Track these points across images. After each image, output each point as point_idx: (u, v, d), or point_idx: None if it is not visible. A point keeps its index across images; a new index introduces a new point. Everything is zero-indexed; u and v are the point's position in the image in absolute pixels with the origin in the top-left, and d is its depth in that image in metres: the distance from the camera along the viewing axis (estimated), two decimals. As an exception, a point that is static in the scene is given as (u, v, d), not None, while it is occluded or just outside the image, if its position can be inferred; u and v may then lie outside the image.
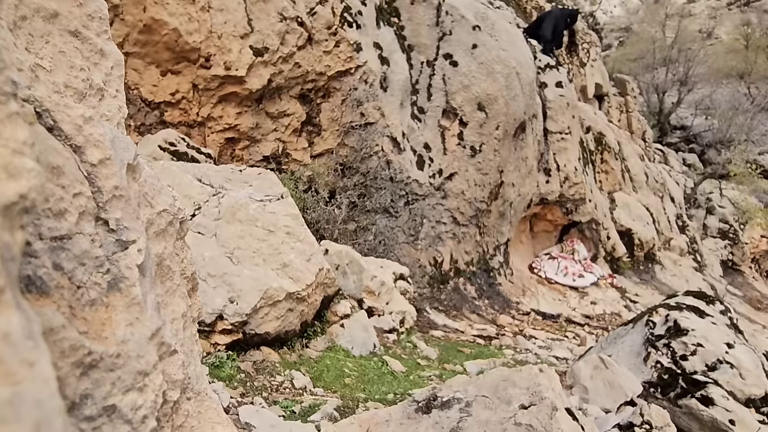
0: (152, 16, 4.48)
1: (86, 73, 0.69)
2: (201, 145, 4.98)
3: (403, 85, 6.19)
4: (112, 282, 0.63)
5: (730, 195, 14.82)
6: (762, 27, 29.62)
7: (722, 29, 31.39)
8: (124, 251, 0.65)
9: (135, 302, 0.65)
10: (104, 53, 0.73)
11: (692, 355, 2.58)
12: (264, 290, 2.40)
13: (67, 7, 0.67)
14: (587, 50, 12.92)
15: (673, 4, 31.25)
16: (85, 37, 0.69)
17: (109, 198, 0.64)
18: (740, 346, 2.79)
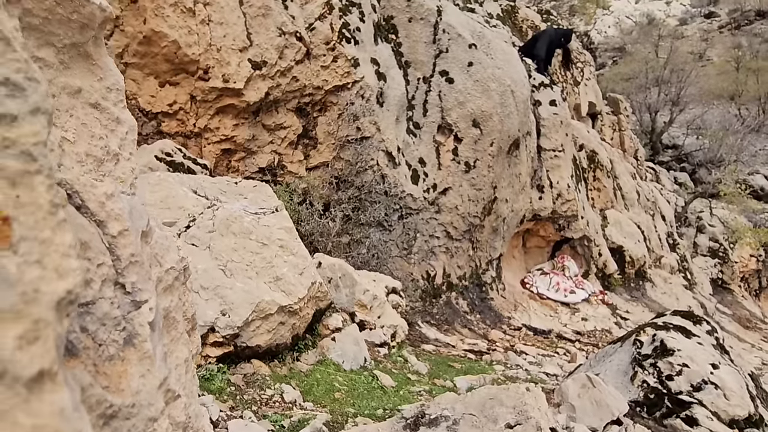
0: (152, 28, 4.54)
1: (104, 141, 0.75)
2: (197, 155, 5.01)
3: (399, 101, 6.27)
4: (127, 338, 0.70)
5: (720, 214, 15.01)
6: (752, 50, 30.26)
7: (714, 51, 32.04)
8: (138, 310, 0.71)
9: (147, 356, 0.72)
10: (120, 120, 0.78)
11: (678, 375, 2.61)
12: (256, 303, 2.42)
13: (89, 82, 0.72)
14: (581, 69, 13.14)
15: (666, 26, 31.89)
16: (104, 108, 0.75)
17: (127, 264, 0.71)
18: (725, 367, 2.83)
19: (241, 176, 5.37)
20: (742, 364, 3.55)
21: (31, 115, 0.51)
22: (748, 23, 34.69)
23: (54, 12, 0.64)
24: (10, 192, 0.48)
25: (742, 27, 34.31)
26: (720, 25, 35.58)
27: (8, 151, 0.49)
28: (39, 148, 0.51)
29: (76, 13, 0.67)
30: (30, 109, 0.51)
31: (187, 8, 4.70)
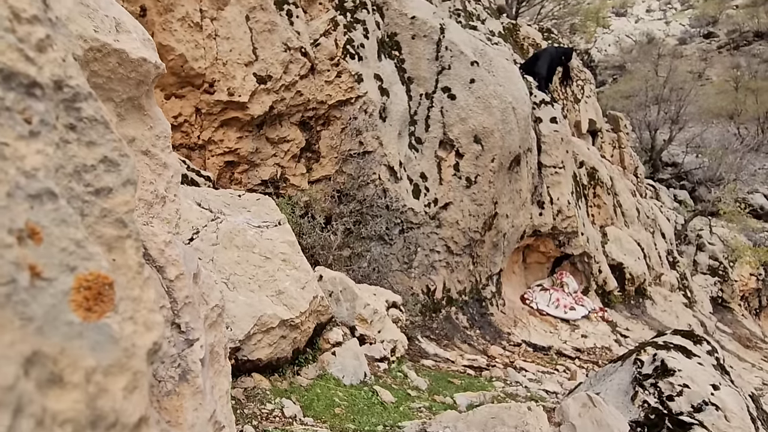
0: (160, 41, 4.61)
1: (153, 185, 0.79)
2: (201, 167, 5.05)
3: (401, 116, 6.34)
4: (182, 374, 0.76)
5: (719, 232, 15.03)
6: (751, 70, 30.60)
7: (713, 71, 32.38)
8: (191, 347, 0.75)
9: (199, 390, 0.77)
10: (167, 165, 0.83)
11: (678, 396, 2.61)
12: (258, 317, 2.43)
13: (141, 131, 0.77)
14: (582, 87, 13.28)
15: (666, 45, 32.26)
16: (153, 154, 0.79)
17: (182, 306, 0.76)
18: (726, 388, 2.83)
19: (243, 188, 5.40)
20: (742, 385, 3.54)
21: (123, 187, 0.57)
22: (747, 44, 35.14)
23: (116, 72, 0.69)
24: (108, 256, 0.53)
25: (741, 47, 34.74)
26: (719, 45, 36.03)
27: (105, 220, 0.54)
28: (129, 215, 0.57)
29: (135, 71, 0.72)
30: (122, 181, 0.57)
31: (195, 23, 4.78)
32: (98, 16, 0.65)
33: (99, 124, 0.55)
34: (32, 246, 0.46)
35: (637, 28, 37.13)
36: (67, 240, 0.48)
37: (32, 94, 0.49)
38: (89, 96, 0.54)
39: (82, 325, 0.48)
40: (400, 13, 6.67)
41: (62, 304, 0.47)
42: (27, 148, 0.47)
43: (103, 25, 0.66)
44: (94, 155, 0.54)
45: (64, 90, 0.52)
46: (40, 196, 0.47)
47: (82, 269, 0.49)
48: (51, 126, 0.50)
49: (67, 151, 0.52)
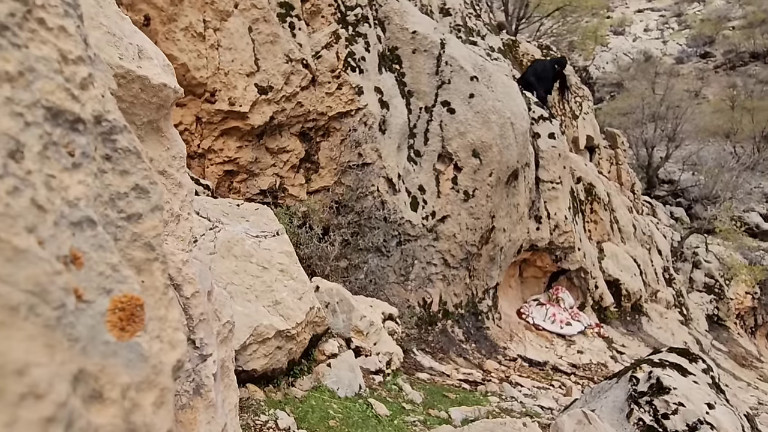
0: (162, 50, 4.65)
1: (169, 205, 0.81)
2: (200, 176, 5.06)
3: (401, 129, 6.38)
4: (195, 389, 0.79)
5: (715, 250, 15.08)
6: (747, 90, 30.97)
7: (709, 90, 32.76)
8: (204, 362, 0.77)
9: (211, 404, 0.80)
10: (181, 185, 0.85)
11: (674, 414, 2.60)
12: (254, 327, 2.42)
13: (158, 152, 0.79)
14: (580, 103, 13.42)
15: (663, 64, 32.67)
16: (169, 174, 0.82)
17: (197, 322, 0.79)
18: (721, 407, 2.82)
19: (242, 198, 5.41)
20: (737, 404, 3.53)
21: (151, 212, 0.60)
22: (743, 64, 35.63)
23: (138, 97, 0.72)
24: (137, 278, 0.57)
25: (737, 68, 35.21)
26: (715, 65, 36.51)
27: (135, 244, 0.58)
28: (157, 239, 0.60)
29: (156, 96, 0.75)
30: (151, 207, 0.60)
31: (198, 33, 4.83)
32: (123, 44, 0.68)
33: (132, 154, 0.59)
34: (75, 270, 0.49)
35: (635, 47, 37.62)
36: (104, 264, 0.52)
37: (76, 129, 0.52)
38: (124, 128, 0.58)
39: (117, 344, 0.51)
40: (401, 27, 6.76)
41: (100, 324, 0.50)
42: (70, 179, 0.51)
43: (127, 53, 0.69)
44: (127, 183, 0.58)
45: (102, 124, 0.57)
46: (81, 224, 0.51)
47: (117, 291, 0.52)
48: (91, 158, 0.54)
49: (103, 180, 0.56)
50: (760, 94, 29.64)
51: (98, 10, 0.64)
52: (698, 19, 41.47)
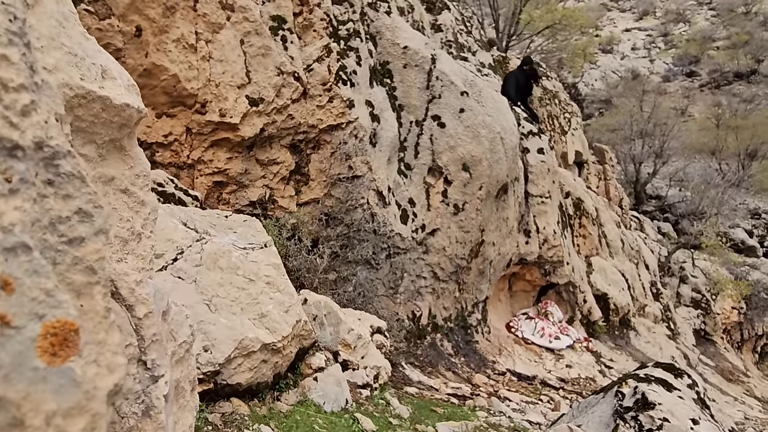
0: (153, 61, 4.66)
1: (130, 223, 0.81)
2: (189, 187, 5.04)
3: (391, 142, 6.42)
4: (145, 410, 0.77)
5: (702, 265, 15.26)
6: (731, 109, 31.67)
7: (695, 108, 33.45)
8: (155, 384, 0.76)
9: (161, 426, 0.78)
10: (144, 203, 0.85)
11: (658, 430, 2.61)
12: (239, 340, 2.40)
13: (121, 170, 0.80)
14: (569, 119, 13.61)
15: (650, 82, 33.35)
16: (132, 192, 0.82)
17: (149, 343, 0.78)
18: (705, 423, 2.84)
19: (231, 209, 5.39)
20: (722, 419, 3.55)
21: (95, 236, 0.60)
22: (727, 83, 36.49)
23: (99, 116, 0.73)
24: (76, 302, 0.56)
25: (722, 87, 36.05)
26: (701, 83, 37.34)
27: (76, 268, 0.57)
28: (99, 263, 0.60)
29: (118, 116, 0.76)
30: (95, 231, 0.60)
31: (189, 44, 4.85)
32: (85, 64, 0.69)
33: (76, 178, 0.59)
34: (4, 296, 0.48)
35: (623, 65, 38.39)
36: (38, 290, 0.51)
37: (14, 156, 0.53)
38: (68, 154, 0.59)
39: (47, 370, 0.50)
40: (392, 42, 6.84)
41: (29, 350, 0.49)
42: (5, 205, 0.51)
43: (89, 73, 0.69)
44: (70, 207, 0.58)
45: (44, 149, 0.57)
46: (15, 249, 0.50)
47: (50, 317, 0.52)
48: (30, 183, 0.54)
49: (44, 204, 0.56)
50: (744, 113, 30.32)
51: (60, 31, 0.65)
52: (684, 39, 42.50)
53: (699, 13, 46.73)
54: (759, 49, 37.94)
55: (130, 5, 4.58)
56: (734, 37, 39.74)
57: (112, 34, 4.56)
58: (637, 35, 44.64)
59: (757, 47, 38.06)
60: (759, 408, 11.35)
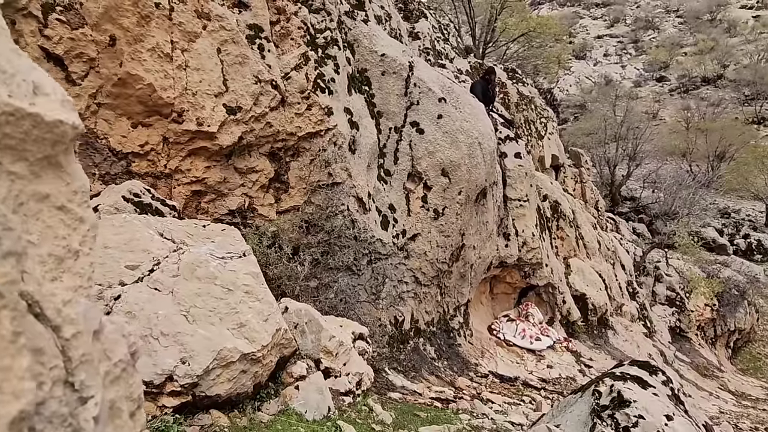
0: (128, 71, 4.60)
1: (66, 240, 0.80)
2: (166, 196, 4.97)
3: (371, 149, 6.46)
4: None
5: (675, 264, 15.67)
6: (700, 112, 32.74)
7: (666, 112, 34.46)
8: (84, 405, 0.74)
9: None
10: (83, 219, 0.84)
11: (634, 427, 2.68)
12: (217, 351, 2.38)
13: (57, 187, 0.79)
14: (545, 124, 13.88)
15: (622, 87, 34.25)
16: (69, 209, 0.81)
17: (77, 364, 0.76)
18: (679, 418, 2.92)
19: (210, 218, 5.33)
20: (696, 414, 3.66)
21: (3, 259, 0.59)
22: (695, 88, 37.74)
23: (30, 133, 0.72)
24: None
25: (690, 91, 37.24)
26: (670, 88, 38.52)
27: None
28: (7, 286, 0.58)
29: (50, 132, 0.75)
30: (3, 254, 0.59)
31: (165, 53, 4.81)
32: (15, 81, 0.69)
33: None
34: None
35: (596, 71, 39.35)
36: None
37: None
38: None
39: None
40: (370, 50, 6.90)
41: None
42: None
43: (18, 90, 0.69)
44: None
45: None
46: None
47: None
48: None
49: None
50: (712, 116, 31.37)
51: (-13, 49, 0.65)
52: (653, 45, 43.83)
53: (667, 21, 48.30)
54: (724, 55, 39.38)
55: (103, 14, 4.52)
56: (701, 44, 41.18)
57: (85, 43, 4.49)
58: (609, 42, 45.86)
59: (723, 53, 39.50)
60: (733, 402, 11.68)
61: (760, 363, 16.49)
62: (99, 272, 2.57)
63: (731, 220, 24.85)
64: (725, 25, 44.73)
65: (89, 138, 4.72)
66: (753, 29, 42.73)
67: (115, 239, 2.79)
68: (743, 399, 12.23)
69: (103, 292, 2.45)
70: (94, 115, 4.70)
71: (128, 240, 2.79)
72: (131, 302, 2.43)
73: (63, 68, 4.45)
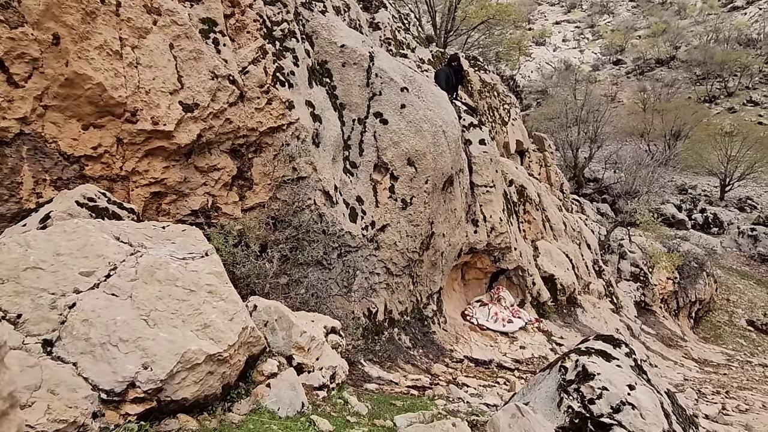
0: (75, 70, 4.40)
1: None
2: (124, 199, 4.81)
3: (335, 141, 6.41)
4: None
5: (638, 241, 16.26)
6: (656, 93, 33.94)
7: (623, 94, 35.54)
8: None
9: None
10: None
11: (599, 399, 2.77)
12: (181, 353, 2.33)
13: None
14: (508, 110, 14.09)
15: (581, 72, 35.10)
16: None
17: None
18: (641, 387, 3.04)
19: (172, 219, 5.19)
20: (658, 383, 3.82)
21: None
22: (650, 70, 39.04)
23: None
24: None
25: (646, 73, 38.51)
26: (627, 71, 39.71)
27: None
28: None
29: None
30: None
31: (114, 51, 4.62)
32: None
33: None
34: None
35: (556, 56, 40.16)
36: None
37: None
38: None
39: None
40: (329, 41, 6.82)
41: None
42: None
43: None
44: None
45: None
46: None
47: None
48: None
49: None
50: (667, 97, 32.56)
51: None
52: (609, 29, 45.02)
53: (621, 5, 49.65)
54: (676, 37, 40.85)
55: (45, 12, 4.30)
56: (653, 26, 42.57)
57: (26, 43, 4.26)
58: (567, 27, 46.84)
59: (674, 35, 40.97)
60: (696, 369, 12.28)
61: (720, 331, 17.38)
62: (51, 281, 2.46)
63: (688, 195, 25.95)
64: (675, 7, 46.34)
65: (37, 142, 4.50)
66: (701, 11, 44.45)
67: (67, 246, 2.68)
68: (706, 366, 12.87)
69: (56, 301, 2.35)
70: (40, 118, 4.48)
71: (82, 246, 2.68)
72: (87, 310, 2.34)
73: (4, 70, 4.22)
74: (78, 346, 2.21)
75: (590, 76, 36.14)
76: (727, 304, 18.89)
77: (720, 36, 38.92)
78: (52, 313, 2.32)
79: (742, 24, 40.25)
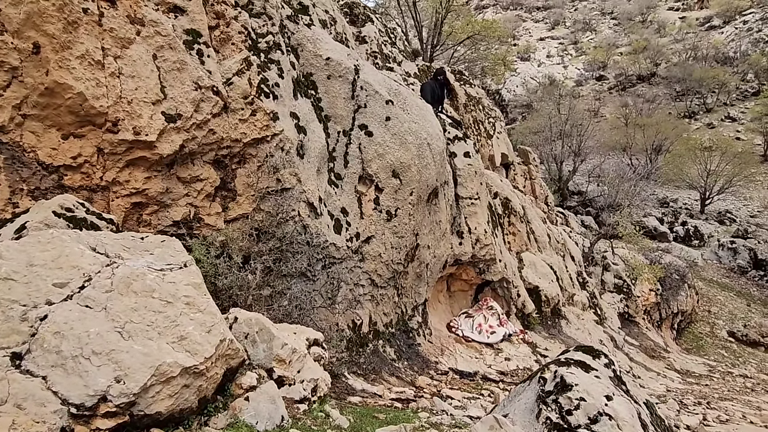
0: (55, 79, 4.36)
1: None
2: (104, 210, 4.75)
3: (320, 153, 6.42)
4: None
5: (621, 253, 16.48)
6: (637, 108, 34.71)
7: (606, 109, 36.28)
8: None
9: None
10: None
11: (576, 410, 2.79)
12: (156, 366, 2.29)
13: None
14: (493, 124, 14.28)
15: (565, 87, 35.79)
16: None
17: None
18: (618, 398, 3.07)
19: (153, 230, 5.13)
20: (638, 393, 3.85)
21: None
22: (632, 85, 39.99)
23: None
24: None
25: (627, 89, 39.42)
26: (609, 86, 40.62)
27: None
28: None
29: None
30: None
31: (96, 61, 4.60)
32: None
33: None
34: None
35: (540, 72, 40.93)
36: None
37: None
38: None
39: None
40: (314, 54, 6.87)
41: None
42: None
43: None
44: None
45: None
46: None
47: None
48: None
49: None
50: (648, 112, 33.31)
51: None
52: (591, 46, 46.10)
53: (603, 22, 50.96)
54: (656, 54, 41.96)
55: (25, 21, 4.27)
56: (634, 44, 43.72)
57: (6, 51, 4.23)
58: (551, 43, 47.86)
59: (655, 52, 42.09)
60: (679, 380, 12.40)
61: (702, 342, 17.61)
62: (23, 292, 2.42)
63: (670, 208, 26.44)
64: (655, 26, 47.69)
65: (15, 152, 4.44)
66: (680, 29, 45.79)
67: (41, 256, 2.63)
68: (688, 376, 13.01)
69: (27, 313, 2.30)
70: (19, 127, 4.43)
71: (56, 257, 2.64)
72: (59, 322, 2.30)
73: (-19, 78, 4.17)
74: (48, 359, 2.17)
75: (574, 91, 36.89)
76: (709, 315, 19.17)
77: (698, 54, 40.10)
78: (23, 325, 2.27)
79: (719, 42, 41.56)
